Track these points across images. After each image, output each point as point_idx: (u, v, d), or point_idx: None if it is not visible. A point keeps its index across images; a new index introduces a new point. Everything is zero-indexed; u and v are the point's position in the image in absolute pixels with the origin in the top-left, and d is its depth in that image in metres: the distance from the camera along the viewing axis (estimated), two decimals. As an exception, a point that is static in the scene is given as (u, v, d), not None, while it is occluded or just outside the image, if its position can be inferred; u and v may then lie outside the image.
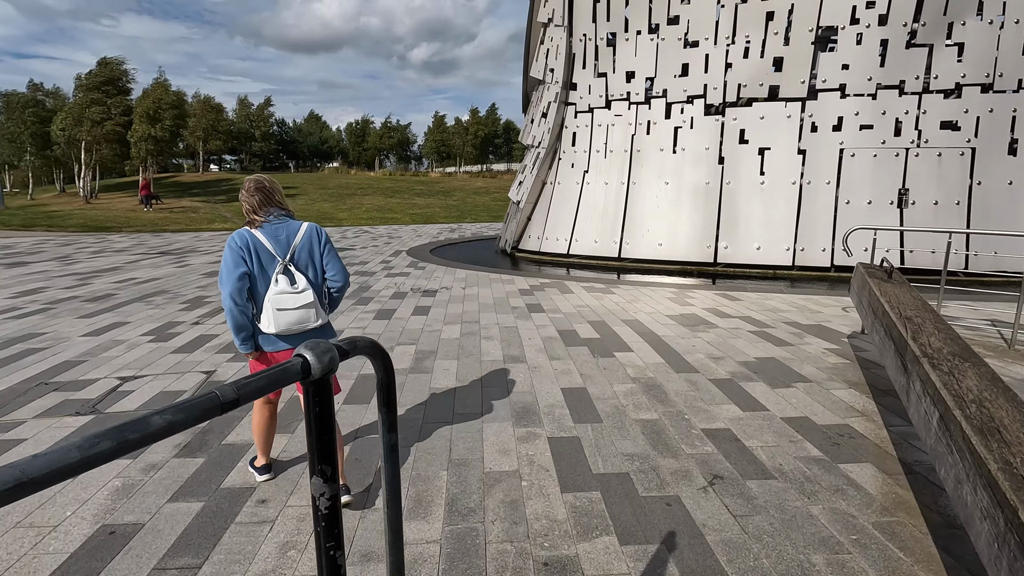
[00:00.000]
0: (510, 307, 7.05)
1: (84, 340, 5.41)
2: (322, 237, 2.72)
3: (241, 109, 57.01)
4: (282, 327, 2.56)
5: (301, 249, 2.64)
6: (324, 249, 2.71)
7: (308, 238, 2.67)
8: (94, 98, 28.11)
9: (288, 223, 2.67)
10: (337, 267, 2.72)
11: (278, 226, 2.62)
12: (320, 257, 2.70)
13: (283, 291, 2.54)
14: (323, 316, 2.68)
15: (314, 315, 2.61)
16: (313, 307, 2.60)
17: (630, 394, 4.08)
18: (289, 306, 2.55)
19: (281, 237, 2.61)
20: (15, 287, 8.43)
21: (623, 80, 11.89)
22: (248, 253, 2.54)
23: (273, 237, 2.59)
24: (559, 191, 12.71)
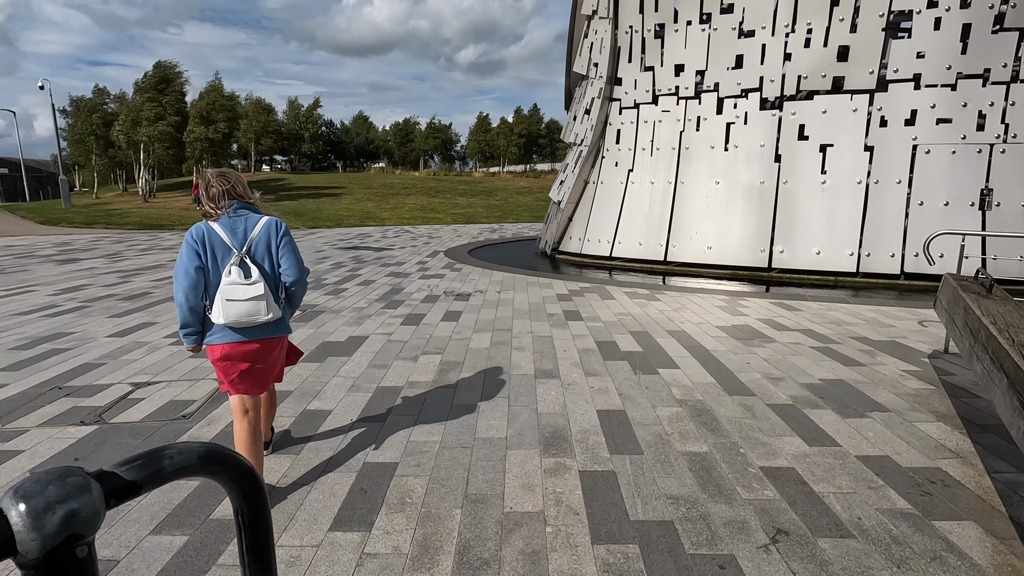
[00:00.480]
0: (546, 314, 6.63)
1: (108, 341, 5.33)
2: (280, 231, 2.72)
3: (291, 111, 58.61)
4: (231, 318, 2.55)
5: (258, 242, 2.65)
6: (281, 243, 2.70)
7: (266, 231, 2.67)
8: (149, 97, 29.29)
9: (247, 216, 2.67)
10: (291, 261, 2.71)
11: (236, 219, 2.64)
12: (276, 251, 2.69)
13: (234, 282, 2.54)
14: (275, 311, 2.64)
15: (264, 308, 2.59)
16: (264, 300, 2.58)
17: (675, 420, 3.60)
18: (238, 297, 2.54)
19: (239, 230, 2.62)
20: (60, 283, 8.61)
21: (671, 74, 11.26)
22: (203, 247, 2.56)
23: (230, 229, 2.61)
24: (602, 191, 12.18)
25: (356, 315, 6.47)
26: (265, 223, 2.69)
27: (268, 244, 2.67)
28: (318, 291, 8.04)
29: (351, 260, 11.73)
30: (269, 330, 2.70)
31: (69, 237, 17.62)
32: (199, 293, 2.58)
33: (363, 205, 30.86)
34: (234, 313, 2.54)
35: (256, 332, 2.66)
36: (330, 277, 9.38)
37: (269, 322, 2.66)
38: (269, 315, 2.61)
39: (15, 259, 11.93)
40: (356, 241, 16.22)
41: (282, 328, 2.77)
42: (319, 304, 7.10)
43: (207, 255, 2.57)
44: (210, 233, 2.59)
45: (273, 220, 2.73)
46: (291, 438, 3.34)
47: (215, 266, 2.58)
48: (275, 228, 2.71)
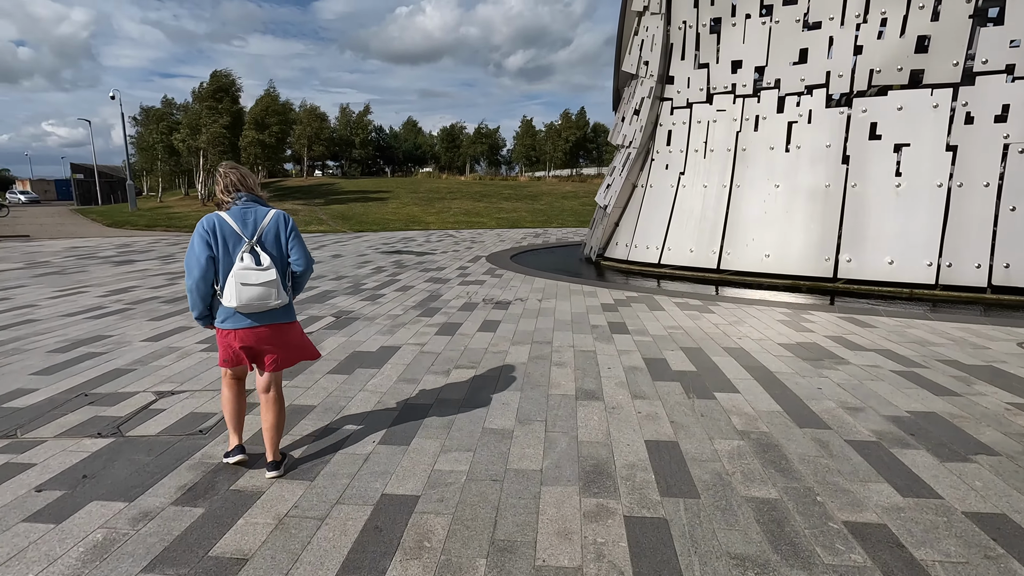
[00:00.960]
0: (589, 326, 6.21)
1: (143, 346, 5.27)
2: (288, 223, 2.87)
3: (343, 117, 60.19)
4: (243, 301, 2.67)
5: (268, 232, 2.80)
6: (290, 235, 2.86)
7: (275, 223, 2.83)
8: (208, 105, 30.52)
9: (256, 208, 2.82)
10: (300, 252, 2.88)
11: (246, 210, 2.79)
12: (285, 242, 2.85)
13: (247, 267, 2.68)
14: (284, 296, 2.79)
15: (275, 294, 2.73)
16: (275, 286, 2.72)
17: (737, 456, 3.13)
18: (252, 282, 2.67)
19: (249, 220, 2.77)
20: (111, 285, 8.81)
21: (728, 71, 10.62)
22: (213, 237, 2.71)
23: (240, 219, 2.76)
24: (651, 195, 11.62)
25: (390, 323, 6.24)
26: (274, 215, 2.84)
27: (277, 235, 2.83)
28: (355, 296, 7.89)
29: (392, 264, 11.62)
30: (278, 315, 2.84)
31: (131, 239, 18.41)
32: (209, 281, 2.74)
33: (409, 209, 31.13)
34: (247, 296, 2.67)
35: (266, 317, 2.80)
36: (369, 282, 9.25)
37: (278, 307, 2.80)
38: (279, 300, 2.76)
39: (77, 260, 12.44)
40: (399, 245, 16.20)
41: (290, 314, 2.92)
42: (355, 311, 6.92)
43: (218, 244, 2.72)
44: (221, 223, 2.73)
45: (281, 213, 2.88)
46: (309, 459, 3.07)
47: (226, 254, 2.72)
48: (284, 221, 2.87)
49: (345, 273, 10.30)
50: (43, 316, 6.55)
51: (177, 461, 3.06)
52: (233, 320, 2.76)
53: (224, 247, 2.72)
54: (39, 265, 11.50)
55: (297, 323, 3.01)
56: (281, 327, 2.87)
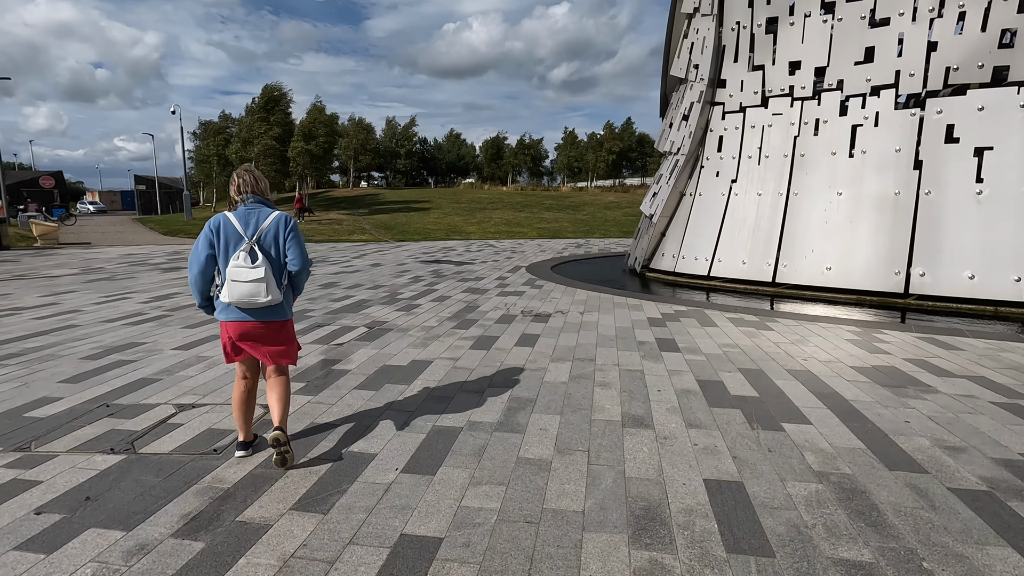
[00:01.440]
0: (636, 342, 5.76)
1: (172, 355, 5.16)
2: (288, 225, 2.98)
3: (388, 130, 61.43)
4: (235, 298, 2.83)
5: (267, 233, 2.93)
6: (288, 236, 2.96)
7: (275, 224, 2.95)
8: (259, 117, 31.56)
9: (260, 210, 2.97)
10: (296, 252, 2.97)
11: (250, 211, 2.95)
12: (283, 243, 2.96)
13: (239, 266, 2.82)
14: (276, 295, 2.89)
15: (264, 291, 2.84)
16: (264, 283, 2.83)
17: (816, 503, 2.65)
18: (242, 279, 2.81)
19: (251, 220, 2.92)
20: (154, 291, 8.92)
21: (785, 72, 10.00)
22: (216, 235, 2.89)
23: (244, 220, 2.91)
24: (700, 203, 11.05)
25: (424, 335, 5.96)
26: (275, 217, 2.96)
27: (276, 235, 2.95)
28: (390, 307, 7.68)
29: (430, 274, 11.43)
30: (269, 313, 2.96)
31: (183, 247, 19.01)
32: (207, 277, 2.93)
33: (450, 219, 31.23)
34: (237, 293, 2.82)
35: (258, 314, 2.94)
36: (406, 292, 9.05)
37: (269, 304, 2.90)
38: (268, 298, 2.86)
39: (129, 267, 12.81)
40: (439, 254, 16.08)
41: (281, 312, 3.01)
42: (388, 321, 6.69)
43: (219, 243, 2.89)
44: (225, 223, 2.89)
45: (283, 215, 3.00)
46: (324, 487, 2.78)
47: (225, 253, 2.88)
48: (284, 223, 2.97)
49: (382, 282, 10.16)
50: (84, 322, 6.60)
51: (185, 484, 2.82)
52: (226, 313, 2.93)
53: (225, 245, 2.89)
54: (93, 271, 11.87)
55: (289, 322, 3.12)
56: (271, 324, 3.00)
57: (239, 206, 2.96)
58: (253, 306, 2.88)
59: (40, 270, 12.11)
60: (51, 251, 17.09)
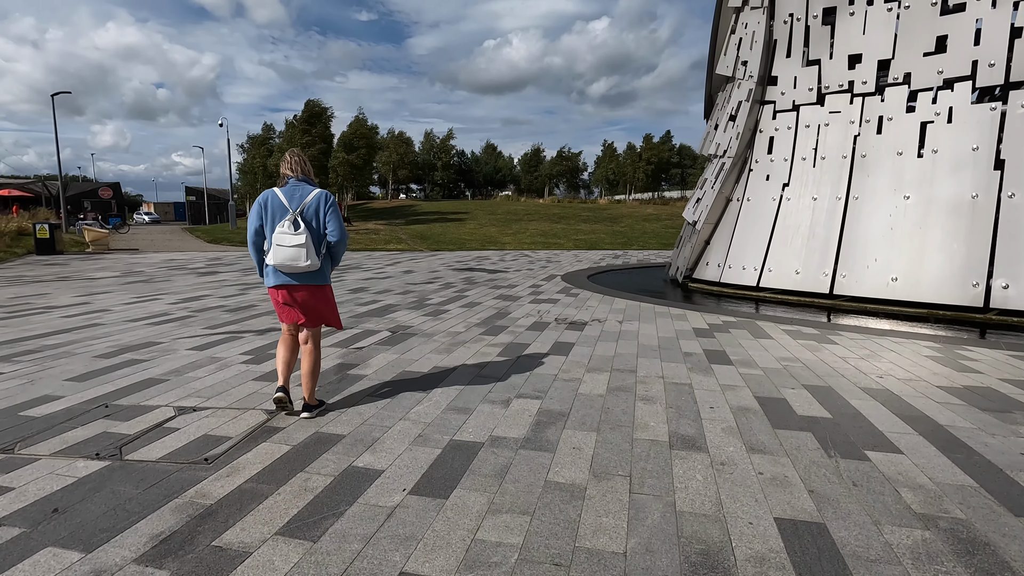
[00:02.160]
0: (681, 353, 5.20)
1: (186, 355, 4.91)
2: (328, 201, 3.32)
3: (426, 142, 62.20)
4: (278, 260, 3.19)
5: (310, 207, 3.26)
6: (328, 210, 3.30)
7: (317, 199, 3.29)
8: (303, 129, 32.27)
9: (304, 187, 3.31)
10: (335, 225, 3.30)
11: (295, 187, 3.29)
12: (323, 216, 3.29)
13: (283, 232, 3.17)
14: (315, 261, 3.22)
15: (304, 256, 3.17)
16: (305, 249, 3.17)
17: (927, 557, 2.08)
18: (285, 244, 3.16)
19: (296, 195, 3.27)
20: (186, 293, 8.85)
21: (844, 66, 9.28)
22: (264, 209, 3.27)
23: (289, 195, 3.26)
24: (748, 209, 10.35)
25: (449, 341, 5.56)
26: (316, 193, 3.30)
27: (317, 209, 3.28)
28: (417, 311, 7.33)
29: (462, 281, 11.09)
30: (309, 277, 3.31)
31: (223, 253, 19.34)
32: (258, 244, 3.34)
33: (486, 230, 31.04)
34: (280, 256, 3.18)
35: (299, 278, 3.29)
36: (435, 297, 8.70)
37: (308, 270, 3.26)
38: (307, 263, 3.20)
39: (168, 271, 12.96)
40: (472, 263, 15.77)
41: (320, 277, 3.37)
42: (413, 326, 6.33)
43: (267, 215, 3.27)
44: (272, 198, 3.28)
45: (324, 192, 3.34)
46: (319, 510, 2.37)
47: (272, 223, 3.24)
48: (324, 199, 3.32)
49: (412, 288, 9.86)
50: (109, 320, 6.49)
51: (165, 498, 2.47)
52: (274, 278, 3.30)
53: (272, 217, 3.26)
54: (133, 274, 12.03)
55: (327, 287, 3.46)
56: (311, 288, 3.35)
57: (288, 182, 3.31)
58: (294, 270, 3.24)
59: (84, 272, 12.36)
60: (100, 256, 17.62)
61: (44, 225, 17.54)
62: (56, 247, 17.98)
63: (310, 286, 3.33)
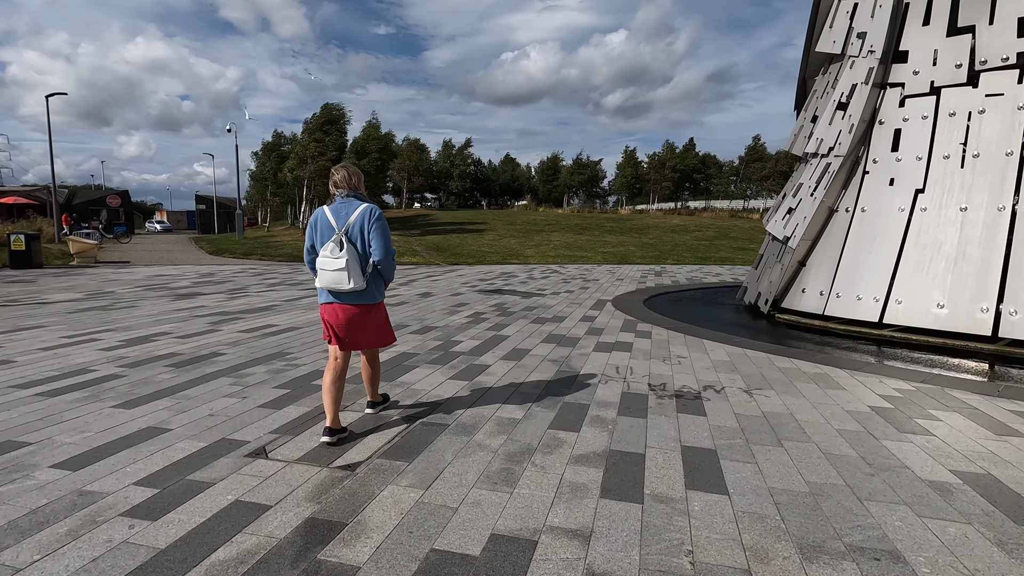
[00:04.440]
0: (924, 481, 2.94)
1: (47, 476, 2.75)
2: (372, 217, 3.25)
3: (443, 150, 60.42)
4: (323, 283, 3.23)
5: (354, 225, 3.24)
6: (372, 227, 3.24)
7: (361, 217, 3.25)
8: (315, 137, 30.45)
9: (351, 203, 3.29)
10: (378, 243, 3.25)
11: (342, 205, 3.30)
12: (368, 233, 3.25)
13: (326, 256, 3.19)
14: (359, 282, 3.19)
15: (347, 278, 3.16)
16: (346, 271, 3.16)
17: None
18: (327, 268, 3.19)
19: (342, 214, 3.27)
20: (140, 328, 6.75)
21: (1011, 32, 7.02)
22: (314, 229, 3.32)
23: (336, 213, 3.28)
24: (864, 222, 8.07)
25: (502, 443, 3.34)
26: (361, 210, 3.26)
27: (362, 227, 3.24)
28: (442, 368, 5.14)
29: (493, 310, 8.90)
30: (355, 297, 3.29)
31: (220, 267, 17.40)
32: (313, 261, 3.31)
33: (506, 241, 28.95)
34: (324, 280, 3.21)
35: (346, 298, 3.28)
36: (464, 339, 6.52)
37: (354, 291, 3.22)
38: (351, 284, 3.17)
39: (144, 291, 10.95)
40: (499, 283, 13.60)
41: (367, 297, 3.31)
42: (440, 402, 4.13)
43: (316, 235, 3.30)
44: (320, 217, 3.30)
45: (369, 208, 3.28)
46: None
47: (321, 243, 3.27)
48: (369, 215, 3.25)
49: (433, 322, 7.69)
50: (-8, 385, 4.38)
51: None
52: (323, 296, 3.31)
53: (321, 237, 3.27)
54: (98, 296, 10.02)
55: (378, 306, 3.42)
56: (361, 308, 3.31)
57: (335, 200, 3.31)
58: (339, 291, 3.22)
59: (43, 293, 10.39)
60: (81, 270, 15.74)
61: (20, 236, 15.71)
62: (34, 260, 16.15)
63: (360, 306, 3.29)
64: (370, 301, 3.30)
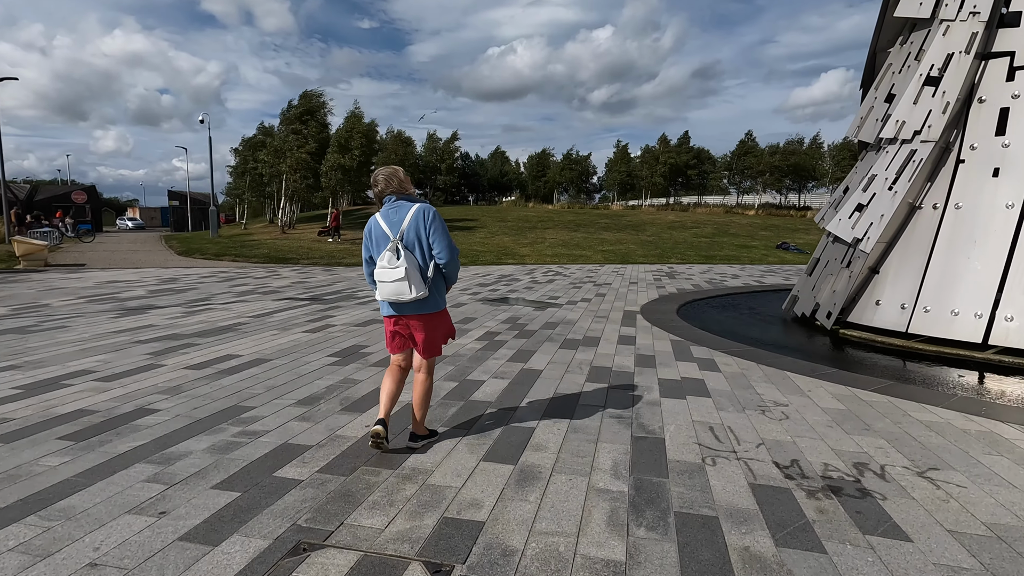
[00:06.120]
0: None
1: None
2: (428, 217, 3.01)
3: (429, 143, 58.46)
4: (383, 296, 3.04)
5: (408, 230, 3.01)
6: (431, 229, 3.01)
7: (415, 220, 3.01)
8: (293, 128, 28.51)
9: (400, 206, 3.05)
10: (442, 244, 3.02)
11: (391, 210, 3.06)
12: (426, 236, 3.02)
13: (383, 267, 2.98)
14: (420, 290, 2.96)
15: (407, 288, 2.93)
16: (405, 281, 2.92)
17: None
18: (385, 280, 2.97)
19: (394, 220, 3.04)
20: (64, 364, 5.11)
21: None
22: (370, 238, 3.12)
23: (388, 220, 3.05)
24: (959, 221, 6.71)
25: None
26: (414, 212, 3.01)
27: (417, 231, 3.01)
28: (470, 434, 3.61)
29: (507, 328, 7.39)
30: (417, 307, 3.08)
31: (186, 271, 15.62)
32: (371, 271, 3.13)
33: (499, 239, 27.43)
34: (384, 292, 3.02)
35: (407, 308, 3.08)
36: (483, 376, 4.99)
37: (416, 300, 3.00)
38: (413, 294, 2.95)
39: (86, 303, 9.24)
40: (502, 288, 12.08)
41: (429, 305, 3.10)
42: (480, 513, 2.61)
43: (372, 245, 3.11)
44: (374, 225, 3.09)
45: (422, 208, 3.03)
46: None
47: (378, 252, 3.07)
48: (423, 217, 3.01)
49: (438, 347, 6.14)
50: None
51: None
52: (384, 308, 3.14)
53: (377, 247, 3.08)
54: (28, 311, 8.30)
55: (441, 313, 3.19)
56: (424, 317, 3.12)
57: (382, 208, 3.07)
58: (400, 302, 3.02)
59: (-38, 308, 8.63)
60: (24, 276, 13.87)
61: (-47, 236, 13.77)
62: (-28, 264, 14.22)
63: (423, 315, 3.13)
64: (433, 309, 3.14)
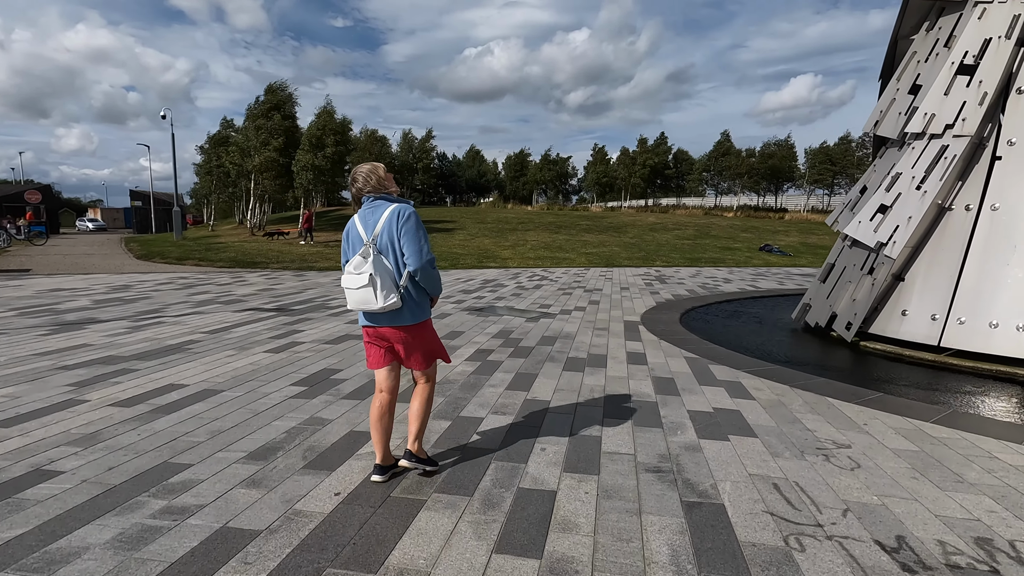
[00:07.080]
0: None
1: None
2: (401, 218, 2.65)
3: (404, 143, 57.16)
4: (351, 304, 2.66)
5: (382, 232, 2.66)
6: (401, 230, 2.63)
7: (388, 221, 2.65)
8: (259, 124, 27.16)
9: (377, 206, 2.71)
10: (411, 249, 2.62)
11: (369, 209, 2.73)
12: (397, 238, 2.63)
13: (348, 272, 2.63)
14: (390, 299, 2.58)
15: (374, 297, 2.57)
16: (370, 288, 2.56)
17: None
18: (350, 286, 2.61)
19: (370, 221, 2.70)
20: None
21: None
22: (347, 242, 2.79)
23: (364, 221, 2.73)
24: (996, 224, 6.13)
25: None
26: (389, 212, 2.66)
27: (391, 233, 2.65)
28: (470, 499, 2.79)
29: (499, 344, 6.56)
30: (391, 318, 2.69)
31: (143, 276, 14.37)
32: None
33: (479, 242, 26.56)
34: (351, 300, 2.65)
35: (383, 319, 2.70)
36: (480, 411, 4.15)
37: (385, 310, 2.62)
38: (380, 303, 2.57)
39: (17, 316, 8.11)
40: (487, 294, 11.24)
41: (405, 317, 2.69)
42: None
43: (349, 248, 2.76)
44: (351, 228, 2.76)
45: (397, 208, 2.67)
46: None
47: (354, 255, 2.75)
48: (396, 217, 2.65)
49: (423, 371, 5.28)
50: None
51: None
52: (361, 317, 2.77)
53: (353, 251, 2.73)
54: (-61, 329, 7.15)
55: (423, 325, 2.77)
56: (403, 330, 2.72)
57: (363, 206, 2.77)
58: (371, 312, 2.66)
59: None
60: (-43, 283, 12.49)
61: None
62: None
63: (400, 327, 2.70)
64: (410, 321, 2.70)
